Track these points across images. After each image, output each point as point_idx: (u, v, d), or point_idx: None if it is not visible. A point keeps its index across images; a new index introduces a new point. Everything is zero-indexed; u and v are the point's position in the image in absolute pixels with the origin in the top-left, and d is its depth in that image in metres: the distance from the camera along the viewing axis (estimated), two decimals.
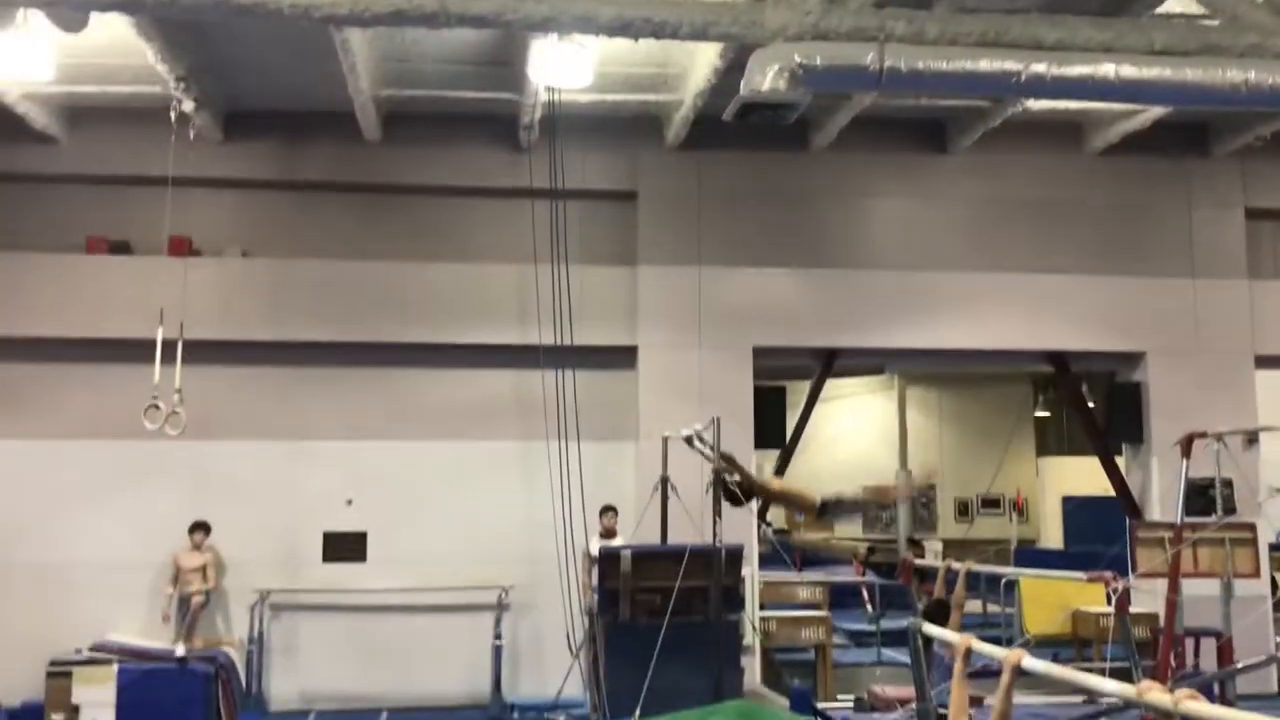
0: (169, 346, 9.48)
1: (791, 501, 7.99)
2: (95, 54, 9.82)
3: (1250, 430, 10.79)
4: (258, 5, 6.79)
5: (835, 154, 11.71)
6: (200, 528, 10.84)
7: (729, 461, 8.62)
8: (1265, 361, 12.09)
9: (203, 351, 10.13)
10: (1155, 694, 2.78)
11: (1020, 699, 10.07)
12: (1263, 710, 7.19)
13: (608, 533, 10.61)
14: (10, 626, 10.61)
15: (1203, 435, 9.01)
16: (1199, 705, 2.65)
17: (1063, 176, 12.17)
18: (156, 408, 9.32)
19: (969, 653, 3.69)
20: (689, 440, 8.47)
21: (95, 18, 8.18)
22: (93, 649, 10.26)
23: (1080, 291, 11.93)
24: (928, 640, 6.79)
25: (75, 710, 9.86)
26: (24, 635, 10.49)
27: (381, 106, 10.93)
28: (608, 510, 10.77)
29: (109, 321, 10.96)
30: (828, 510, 7.66)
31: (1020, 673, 3.49)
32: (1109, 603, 7.74)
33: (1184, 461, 8.99)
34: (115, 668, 9.98)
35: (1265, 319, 12.16)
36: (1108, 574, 5.53)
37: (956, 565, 7.32)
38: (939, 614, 6.70)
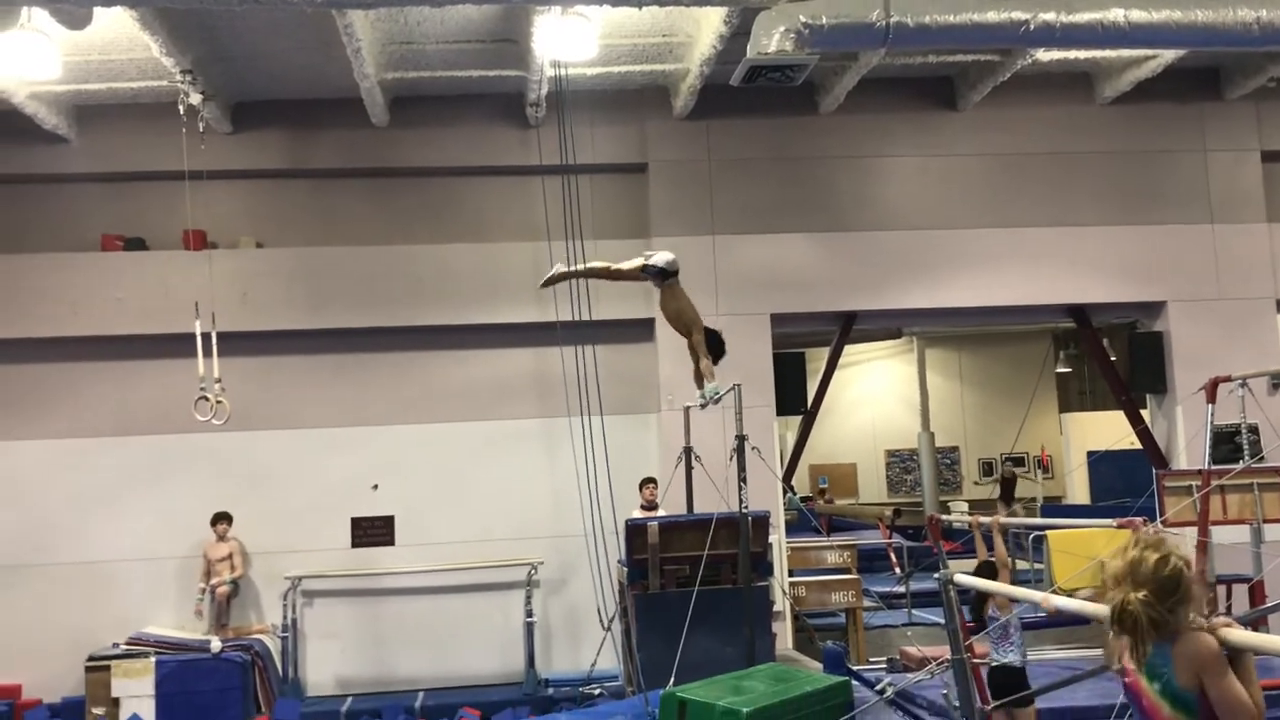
0: (203, 339, 9.58)
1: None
2: (101, 50, 9.86)
3: (1275, 372, 10.70)
4: None
5: (844, 116, 11.65)
6: (222, 518, 10.92)
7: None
8: None
9: (222, 343, 10.17)
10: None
11: (1048, 654, 10.07)
12: None
13: (649, 505, 10.61)
14: (47, 625, 10.75)
15: (1227, 379, 8.94)
16: (1236, 632, 2.65)
17: (1075, 127, 12.06)
18: (205, 399, 9.42)
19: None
20: (703, 404, 8.38)
21: (99, 13, 8.23)
22: (129, 643, 10.37)
23: (1098, 243, 11.86)
24: (981, 600, 6.81)
25: (115, 703, 9.99)
26: (61, 632, 10.64)
27: (388, 90, 10.92)
28: (648, 482, 10.76)
29: (127, 318, 11.04)
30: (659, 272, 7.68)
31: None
32: None
33: (1209, 407, 8.92)
34: (153, 660, 10.11)
35: None
36: (1137, 520, 5.51)
37: (985, 519, 7.31)
38: (988, 575, 6.71)
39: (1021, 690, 6.48)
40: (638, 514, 10.26)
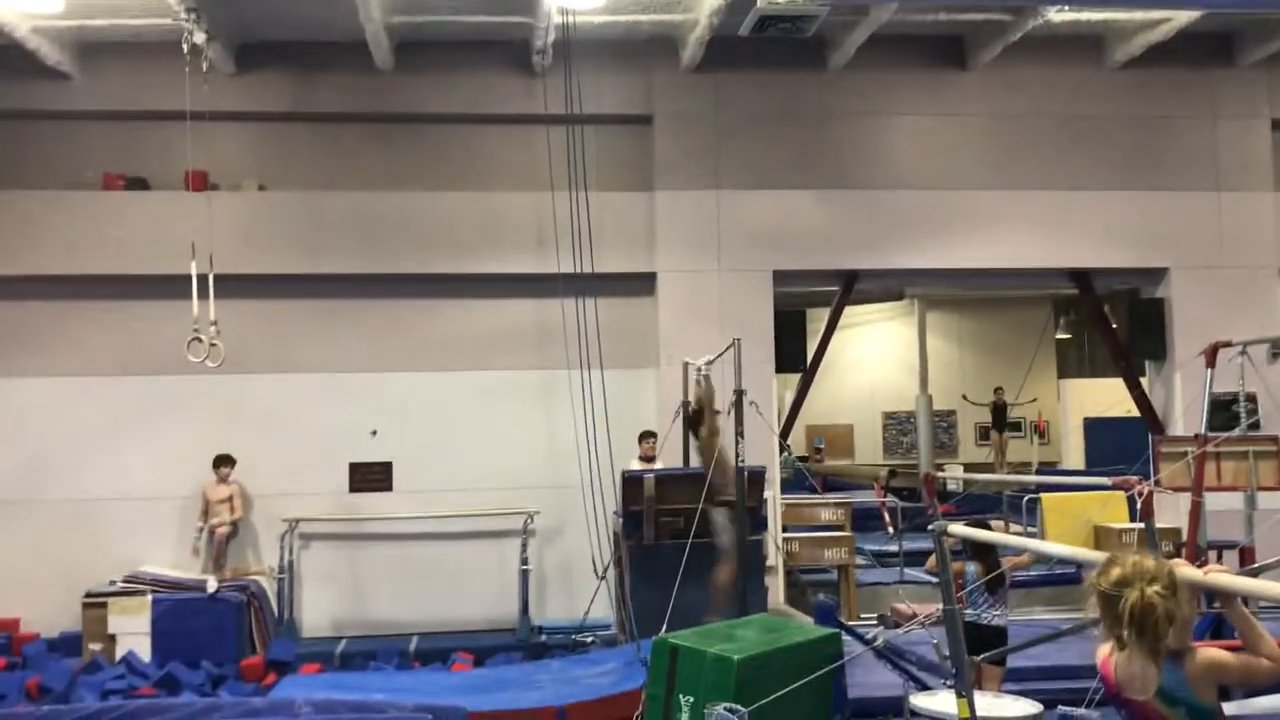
0: (199, 280, 9.53)
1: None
2: None
3: (1275, 339, 10.70)
4: None
5: (853, 73, 11.56)
6: (224, 461, 10.96)
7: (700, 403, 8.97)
8: None
9: (223, 285, 10.13)
10: (1186, 569, 2.81)
11: (1037, 615, 10.16)
12: None
13: (647, 458, 10.64)
14: (46, 561, 10.81)
15: (1228, 345, 8.94)
16: (1227, 577, 2.69)
17: (1084, 91, 11.98)
18: (199, 340, 9.36)
19: None
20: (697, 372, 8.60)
21: None
22: (127, 580, 10.44)
23: (1103, 207, 11.82)
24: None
25: (112, 639, 10.08)
26: (59, 569, 10.71)
27: (393, 34, 10.83)
28: (647, 436, 10.79)
29: (128, 258, 11.02)
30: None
31: None
32: (1132, 512, 7.74)
33: (1208, 372, 8.94)
34: (150, 598, 10.18)
35: None
36: (1133, 479, 5.54)
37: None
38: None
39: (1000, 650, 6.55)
40: (636, 466, 10.31)
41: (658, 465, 10.42)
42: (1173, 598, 2.94)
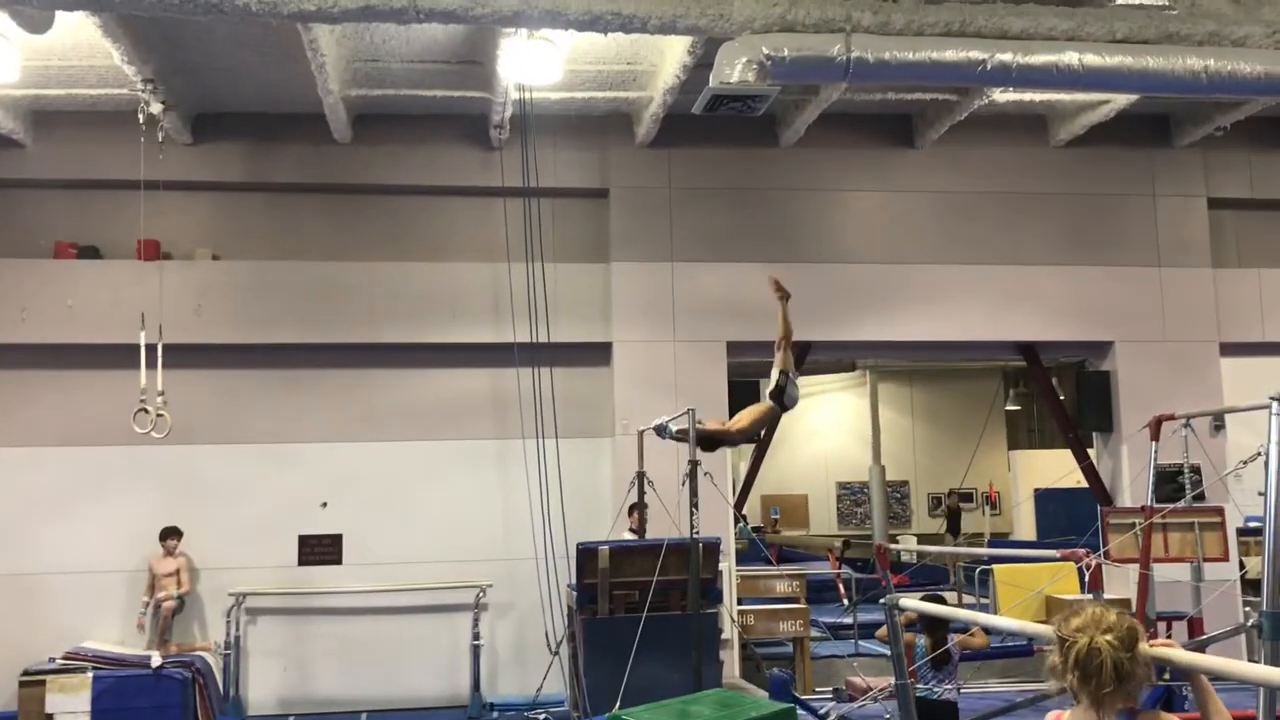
0: (147, 350, 9.44)
1: (758, 423, 8.16)
2: (61, 56, 9.78)
3: (1216, 412, 10.93)
4: (225, 1, 6.79)
5: (804, 150, 11.80)
6: (172, 533, 10.76)
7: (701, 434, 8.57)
8: (1230, 349, 12.26)
9: (174, 355, 10.06)
10: None
11: (991, 687, 10.17)
12: (1233, 690, 7.29)
13: (638, 530, 10.55)
14: None
15: (1171, 418, 9.13)
16: (1171, 650, 2.73)
17: (1029, 169, 12.31)
18: (145, 411, 9.27)
19: None
20: (659, 431, 8.51)
21: (60, 19, 8.17)
22: (66, 657, 10.16)
23: (1048, 282, 12.07)
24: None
25: None
26: None
27: (351, 107, 10.91)
28: (638, 507, 10.72)
29: (78, 327, 10.88)
30: (782, 398, 7.84)
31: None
32: (1081, 583, 7.82)
33: (1153, 445, 9.10)
34: (90, 675, 9.89)
35: (1229, 307, 12.34)
36: (1080, 550, 5.61)
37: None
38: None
39: None
40: (628, 537, 10.22)
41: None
42: (1125, 651, 2.95)
